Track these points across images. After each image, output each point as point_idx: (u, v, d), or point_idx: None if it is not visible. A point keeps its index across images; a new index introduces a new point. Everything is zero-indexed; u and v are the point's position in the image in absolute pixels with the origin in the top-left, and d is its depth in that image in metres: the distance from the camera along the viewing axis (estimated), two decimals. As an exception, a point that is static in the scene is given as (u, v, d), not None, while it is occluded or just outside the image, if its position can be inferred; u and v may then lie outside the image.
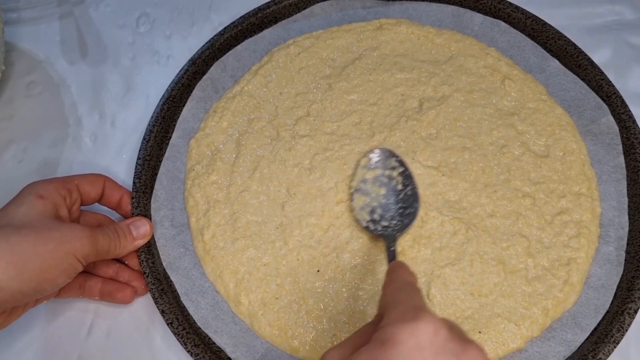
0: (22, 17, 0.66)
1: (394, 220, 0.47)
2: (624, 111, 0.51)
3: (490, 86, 0.54)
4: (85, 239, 0.41)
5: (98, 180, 0.48)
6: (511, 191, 0.49)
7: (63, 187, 0.45)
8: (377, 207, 0.48)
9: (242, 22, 0.59)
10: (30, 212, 0.41)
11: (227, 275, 0.47)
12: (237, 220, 0.49)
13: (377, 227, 0.47)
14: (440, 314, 0.44)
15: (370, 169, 0.49)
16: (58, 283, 0.41)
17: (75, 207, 0.47)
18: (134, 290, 0.48)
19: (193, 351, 0.44)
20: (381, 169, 0.49)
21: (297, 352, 0.44)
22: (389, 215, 0.47)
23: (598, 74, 0.53)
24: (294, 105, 0.54)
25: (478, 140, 0.51)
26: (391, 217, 0.47)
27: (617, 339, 0.42)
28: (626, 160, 0.49)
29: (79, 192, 0.47)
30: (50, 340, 0.48)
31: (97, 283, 0.47)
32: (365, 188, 0.49)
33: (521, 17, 0.57)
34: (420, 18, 0.58)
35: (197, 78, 0.56)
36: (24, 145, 0.58)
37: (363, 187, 0.49)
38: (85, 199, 0.47)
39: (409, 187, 0.48)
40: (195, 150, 0.53)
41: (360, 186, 0.49)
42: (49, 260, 0.39)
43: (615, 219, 0.47)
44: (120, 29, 0.64)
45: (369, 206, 0.48)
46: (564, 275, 0.45)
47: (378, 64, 0.56)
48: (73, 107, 0.60)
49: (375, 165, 0.50)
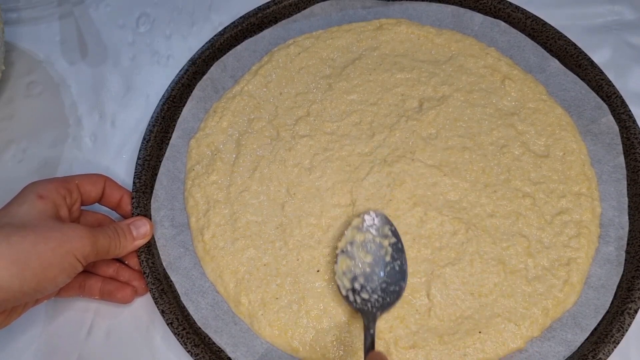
0: (22, 17, 0.66)
1: (375, 294, 0.43)
2: (624, 111, 0.51)
3: (490, 86, 0.54)
4: (86, 238, 0.41)
5: (98, 180, 0.48)
6: (511, 191, 0.49)
7: (63, 187, 0.45)
8: (360, 275, 0.44)
9: (242, 22, 0.59)
10: (31, 211, 0.41)
11: (227, 275, 0.47)
12: (237, 220, 0.49)
13: (357, 298, 0.43)
14: (440, 314, 0.44)
15: (361, 231, 0.46)
16: (58, 282, 0.41)
17: (75, 207, 0.47)
18: (134, 290, 0.48)
19: (193, 351, 0.44)
20: (372, 234, 0.45)
21: (297, 352, 0.44)
22: (370, 287, 0.43)
23: (598, 74, 0.53)
24: (294, 105, 0.54)
25: (478, 140, 0.51)
26: (372, 289, 0.43)
27: (617, 339, 0.42)
28: (626, 160, 0.49)
29: (79, 192, 0.47)
30: (50, 340, 0.48)
31: (97, 282, 0.48)
32: (352, 251, 0.45)
33: (521, 17, 0.57)
34: (420, 18, 0.58)
35: (197, 78, 0.56)
36: (24, 145, 0.58)
37: (349, 249, 0.45)
38: (85, 198, 0.48)
39: (398, 262, 0.44)
40: (195, 150, 0.53)
41: (347, 248, 0.45)
42: (50, 259, 0.39)
43: (615, 219, 0.47)
44: (120, 29, 0.64)
45: (351, 272, 0.44)
46: (564, 275, 0.45)
47: (378, 64, 0.56)
48: (73, 107, 0.60)
49: (366, 229, 0.46)
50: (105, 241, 0.44)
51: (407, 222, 0.48)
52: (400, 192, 0.49)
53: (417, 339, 0.43)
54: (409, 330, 0.44)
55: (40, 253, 0.39)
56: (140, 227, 0.47)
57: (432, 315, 0.44)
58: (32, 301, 0.44)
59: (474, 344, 0.43)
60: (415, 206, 0.48)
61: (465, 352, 0.43)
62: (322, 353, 0.44)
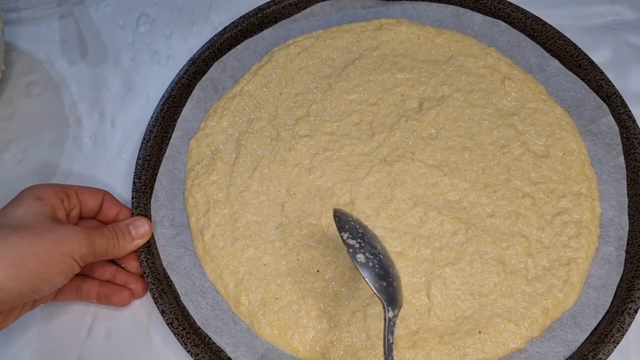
0: (22, 17, 0.66)
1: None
2: (624, 111, 0.51)
3: (490, 86, 0.54)
4: (82, 240, 0.41)
5: (98, 193, 0.49)
6: (511, 191, 0.49)
7: (61, 191, 0.45)
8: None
9: (242, 22, 0.59)
10: (28, 213, 0.41)
11: (227, 275, 0.47)
12: (237, 220, 0.49)
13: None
14: (440, 313, 0.44)
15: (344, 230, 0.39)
16: (55, 283, 0.41)
17: (74, 213, 0.47)
18: (131, 293, 0.48)
19: (193, 351, 0.44)
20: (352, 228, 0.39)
21: (297, 352, 0.44)
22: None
23: (598, 74, 0.53)
24: (294, 105, 0.54)
25: (478, 140, 0.51)
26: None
27: (617, 339, 0.42)
28: (626, 160, 0.49)
29: (78, 199, 0.47)
30: (50, 341, 0.48)
31: (94, 285, 0.47)
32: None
33: (521, 17, 0.57)
34: (420, 18, 0.58)
35: (197, 78, 0.56)
36: (24, 145, 0.58)
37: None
38: (83, 206, 0.48)
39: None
40: (195, 150, 0.53)
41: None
42: (47, 260, 0.39)
43: (615, 219, 0.47)
44: (120, 29, 0.64)
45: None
46: (564, 275, 0.45)
47: (378, 64, 0.56)
48: (73, 107, 0.60)
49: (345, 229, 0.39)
50: (102, 242, 0.44)
51: (407, 222, 0.48)
52: (400, 192, 0.49)
53: (417, 338, 0.43)
54: (409, 330, 0.44)
55: (37, 254, 0.39)
56: (139, 227, 0.47)
57: (432, 315, 0.44)
58: (29, 304, 0.44)
59: (474, 344, 0.43)
60: (416, 206, 0.48)
61: (466, 352, 0.43)
62: (322, 353, 0.44)
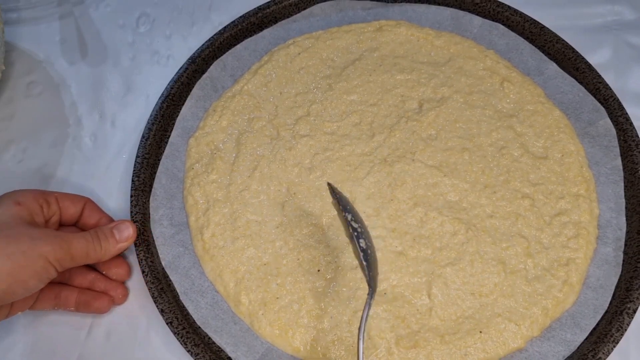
0: (22, 17, 0.65)
1: None
2: (621, 114, 0.51)
3: (489, 88, 0.54)
4: (57, 242, 0.41)
5: (79, 200, 0.48)
6: (510, 192, 0.49)
7: (41, 197, 0.45)
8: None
9: (242, 22, 0.59)
10: (5, 215, 0.41)
11: (227, 274, 0.47)
12: (237, 219, 0.49)
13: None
14: (441, 313, 0.44)
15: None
16: (29, 286, 0.40)
17: (54, 219, 0.46)
18: (111, 299, 0.47)
19: (193, 351, 0.44)
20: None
21: (297, 352, 0.44)
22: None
23: (595, 77, 0.53)
24: (294, 105, 0.55)
25: (477, 141, 0.52)
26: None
27: (617, 339, 0.42)
28: (623, 163, 0.50)
29: (58, 206, 0.46)
30: (50, 341, 0.48)
31: (72, 293, 0.47)
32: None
33: (519, 20, 0.57)
34: (420, 20, 0.59)
35: (196, 77, 0.56)
36: (24, 145, 0.57)
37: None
38: (64, 213, 0.47)
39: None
40: (195, 149, 0.53)
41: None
42: (20, 261, 0.39)
43: (613, 220, 0.48)
44: (120, 29, 0.64)
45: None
46: (563, 276, 0.45)
47: (378, 65, 0.56)
48: (73, 107, 0.60)
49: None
50: (80, 245, 0.43)
51: (408, 222, 0.48)
52: (400, 192, 0.49)
53: (419, 338, 0.43)
54: (410, 330, 0.44)
55: (11, 254, 0.39)
56: (123, 231, 0.47)
57: (433, 315, 0.44)
58: (6, 309, 0.43)
59: (474, 344, 0.43)
60: (416, 206, 0.48)
61: (467, 351, 0.43)
62: (323, 353, 0.44)
